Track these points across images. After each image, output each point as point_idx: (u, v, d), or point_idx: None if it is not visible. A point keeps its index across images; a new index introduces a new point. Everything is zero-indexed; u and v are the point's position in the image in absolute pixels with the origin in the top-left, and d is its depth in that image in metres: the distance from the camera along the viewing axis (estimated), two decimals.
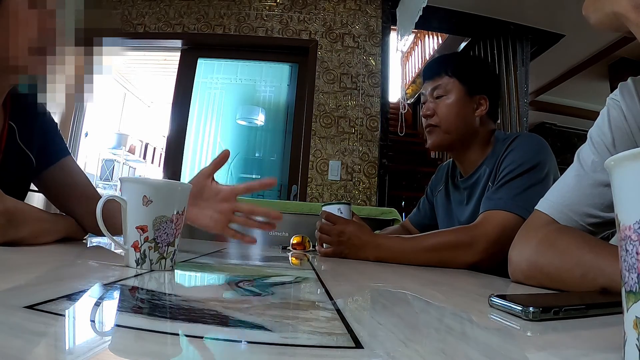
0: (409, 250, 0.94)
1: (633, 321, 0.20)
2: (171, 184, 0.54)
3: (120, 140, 5.43)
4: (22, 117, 0.84)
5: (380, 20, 3.19)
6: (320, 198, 2.92)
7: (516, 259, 0.64)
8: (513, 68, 3.41)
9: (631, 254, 0.21)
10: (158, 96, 6.02)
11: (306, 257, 0.97)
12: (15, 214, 0.57)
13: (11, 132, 0.82)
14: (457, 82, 1.07)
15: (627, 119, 0.60)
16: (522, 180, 0.93)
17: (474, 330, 0.32)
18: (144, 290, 0.39)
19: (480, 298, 0.47)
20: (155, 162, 6.66)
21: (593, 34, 3.31)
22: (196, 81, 3.27)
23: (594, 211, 0.61)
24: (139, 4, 3.21)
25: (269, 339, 0.24)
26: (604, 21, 0.49)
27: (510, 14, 3.26)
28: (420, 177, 4.37)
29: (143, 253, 0.50)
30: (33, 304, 0.26)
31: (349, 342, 0.25)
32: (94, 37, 0.75)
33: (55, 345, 0.21)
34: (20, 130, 0.83)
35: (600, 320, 0.37)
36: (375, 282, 0.64)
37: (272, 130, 3.30)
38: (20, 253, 0.53)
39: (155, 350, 0.22)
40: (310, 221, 1.74)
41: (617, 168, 0.22)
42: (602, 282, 0.48)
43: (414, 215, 1.35)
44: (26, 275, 0.40)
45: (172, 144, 3.21)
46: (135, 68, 5.16)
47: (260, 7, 3.20)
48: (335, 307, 0.36)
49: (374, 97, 3.08)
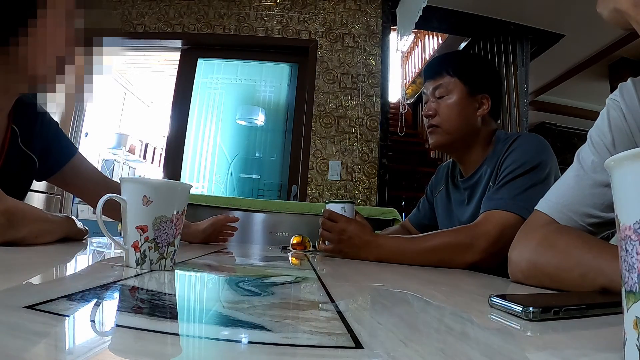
0: (409, 250, 0.94)
1: (633, 321, 0.20)
2: (171, 184, 0.54)
3: (120, 140, 5.43)
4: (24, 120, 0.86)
5: (380, 20, 3.19)
6: (320, 198, 2.92)
7: (516, 259, 0.64)
8: (513, 68, 3.41)
9: (631, 254, 0.21)
10: (158, 96, 6.02)
11: (306, 257, 0.97)
12: (16, 214, 0.57)
13: (14, 135, 0.83)
14: (458, 82, 1.07)
15: (627, 119, 0.60)
16: (523, 181, 0.93)
17: (474, 330, 0.32)
18: (144, 290, 0.39)
19: (480, 298, 0.47)
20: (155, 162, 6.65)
21: (593, 34, 3.31)
22: (196, 81, 3.27)
23: (593, 211, 0.61)
24: (139, 4, 3.21)
25: (269, 339, 0.24)
26: (611, 18, 0.50)
27: (510, 14, 3.26)
28: (420, 177, 4.37)
29: (143, 253, 0.50)
30: (33, 304, 0.26)
31: (349, 342, 0.25)
32: (94, 37, 0.76)
33: (55, 345, 0.21)
34: (22, 133, 0.85)
35: (600, 320, 0.37)
36: (375, 282, 0.64)
37: (272, 130, 3.30)
38: (20, 253, 0.53)
39: (155, 350, 0.22)
40: (310, 221, 1.74)
41: (617, 168, 0.22)
42: (602, 282, 0.48)
43: (413, 215, 1.35)
44: (26, 275, 0.40)
45: (172, 144, 3.21)
46: (135, 68, 5.16)
47: (260, 7, 3.20)
48: (335, 307, 0.36)
49: (374, 97, 3.08)
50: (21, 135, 0.85)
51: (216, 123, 3.32)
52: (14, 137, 0.83)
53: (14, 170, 0.82)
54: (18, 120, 0.84)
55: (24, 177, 0.86)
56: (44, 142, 0.90)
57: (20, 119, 0.85)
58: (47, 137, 0.92)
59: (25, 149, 0.85)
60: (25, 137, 0.85)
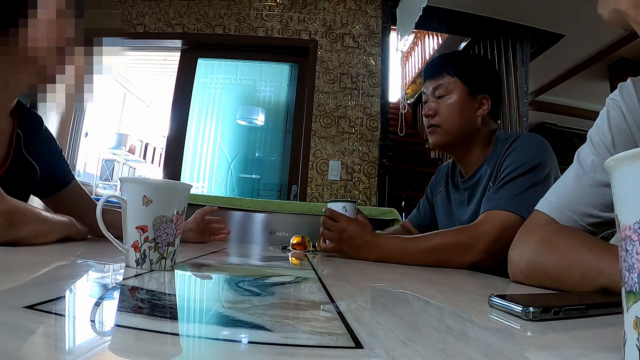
0: (409, 250, 0.94)
1: (633, 321, 0.20)
2: (171, 184, 0.54)
3: (120, 140, 5.43)
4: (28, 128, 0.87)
5: (380, 20, 3.19)
6: (320, 198, 2.92)
7: (516, 258, 0.64)
8: (513, 68, 3.41)
9: (631, 254, 0.21)
10: (158, 96, 6.02)
11: (306, 257, 0.97)
12: (16, 214, 0.57)
13: (18, 140, 0.84)
14: (459, 82, 1.07)
15: (627, 119, 0.60)
16: (523, 181, 0.93)
17: (474, 330, 0.32)
18: (144, 290, 0.39)
19: (480, 298, 0.47)
20: (155, 162, 6.66)
21: (593, 34, 3.31)
22: (196, 81, 3.27)
23: (593, 211, 0.61)
24: (139, 4, 3.21)
25: (269, 339, 0.24)
26: (611, 18, 0.50)
27: (510, 14, 3.26)
28: (420, 177, 4.37)
29: (143, 253, 0.50)
30: (33, 304, 0.26)
31: (349, 342, 0.25)
32: (94, 37, 0.76)
33: (55, 345, 0.21)
34: (25, 140, 0.86)
35: (600, 320, 0.37)
36: (375, 282, 0.64)
37: (272, 130, 3.30)
38: (20, 253, 0.53)
39: (155, 350, 0.22)
40: (310, 221, 1.74)
41: (617, 168, 0.22)
42: (602, 282, 0.48)
43: (413, 216, 1.35)
44: (26, 275, 0.40)
45: (172, 144, 3.21)
46: (135, 68, 5.16)
47: (260, 7, 3.20)
48: (335, 307, 0.36)
49: (374, 97, 3.08)
50: (25, 142, 0.86)
51: (216, 123, 3.32)
52: (18, 142, 0.84)
53: (17, 175, 0.83)
54: (22, 127, 0.85)
55: (26, 183, 0.88)
56: (46, 157, 0.92)
57: (24, 126, 0.86)
58: (49, 154, 0.94)
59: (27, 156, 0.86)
60: (28, 144, 0.87)
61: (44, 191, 0.96)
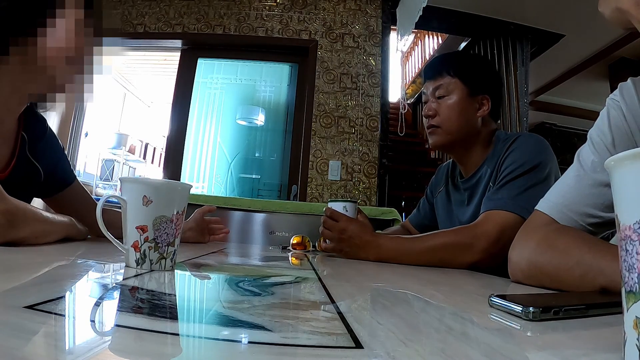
0: (409, 250, 0.94)
1: (633, 321, 0.20)
2: (171, 184, 0.54)
3: (120, 140, 5.43)
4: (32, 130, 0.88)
5: (380, 20, 3.19)
6: (320, 198, 2.92)
7: (516, 258, 0.64)
8: (513, 68, 3.41)
9: (631, 254, 0.21)
10: (158, 96, 6.03)
11: (306, 257, 0.97)
12: (16, 214, 0.57)
13: (23, 142, 0.84)
14: (459, 82, 1.07)
15: (627, 119, 0.60)
16: (523, 181, 0.93)
17: (474, 330, 0.32)
18: (144, 290, 0.39)
19: (480, 298, 0.47)
20: (155, 162, 6.66)
21: (593, 34, 3.31)
22: (196, 81, 3.27)
23: (593, 211, 0.61)
24: (139, 4, 3.21)
25: (269, 339, 0.24)
26: (612, 17, 0.50)
27: (510, 14, 3.26)
28: (420, 177, 4.37)
29: (143, 253, 0.50)
30: (33, 304, 0.26)
31: (349, 342, 0.25)
32: (94, 37, 0.76)
33: (55, 345, 0.21)
34: (30, 142, 0.86)
35: (600, 320, 0.37)
36: (375, 282, 0.64)
37: (272, 130, 3.30)
38: (20, 253, 0.53)
39: (155, 350, 0.22)
40: (310, 221, 1.74)
41: (617, 168, 0.22)
42: (602, 282, 0.48)
43: (413, 216, 1.35)
44: (26, 275, 0.40)
45: (172, 144, 3.21)
46: (135, 68, 5.16)
47: (260, 7, 3.20)
48: (335, 307, 0.36)
49: (374, 97, 3.08)
50: (29, 144, 0.86)
51: (216, 123, 3.32)
52: (23, 145, 0.85)
53: (20, 177, 0.83)
54: (26, 129, 0.86)
55: (30, 186, 0.88)
56: (49, 158, 0.93)
57: (29, 128, 0.87)
58: (52, 156, 0.94)
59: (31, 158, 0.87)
60: (32, 146, 0.87)
61: (46, 192, 0.96)
